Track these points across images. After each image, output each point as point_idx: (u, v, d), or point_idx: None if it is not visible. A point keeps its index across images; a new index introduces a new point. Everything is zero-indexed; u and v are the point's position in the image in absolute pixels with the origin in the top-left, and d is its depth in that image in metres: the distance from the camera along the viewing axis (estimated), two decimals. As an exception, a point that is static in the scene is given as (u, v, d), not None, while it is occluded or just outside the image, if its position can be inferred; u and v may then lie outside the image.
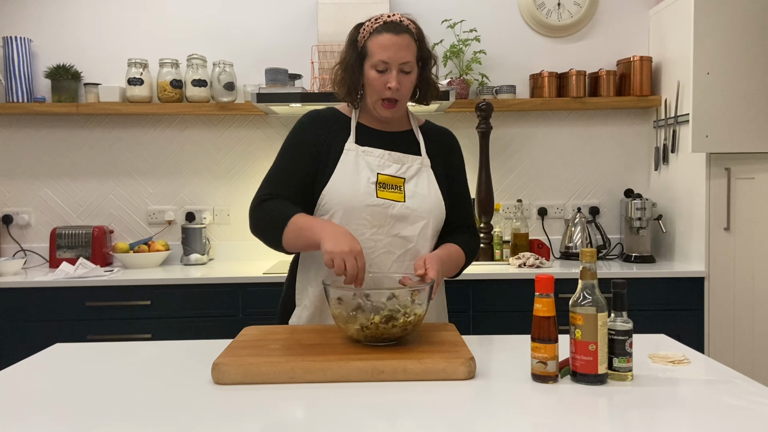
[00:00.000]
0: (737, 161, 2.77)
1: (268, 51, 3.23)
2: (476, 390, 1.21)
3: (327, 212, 1.62)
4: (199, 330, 2.70)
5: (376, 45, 1.58)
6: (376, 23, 1.61)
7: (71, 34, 3.24)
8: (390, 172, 1.63)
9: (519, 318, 2.64)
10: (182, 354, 1.51)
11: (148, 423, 1.07)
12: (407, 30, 1.61)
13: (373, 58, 1.59)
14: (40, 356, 1.50)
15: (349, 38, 1.66)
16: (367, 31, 1.62)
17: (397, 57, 1.57)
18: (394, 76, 1.58)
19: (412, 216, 1.62)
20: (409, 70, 1.60)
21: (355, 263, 1.41)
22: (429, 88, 1.71)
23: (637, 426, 1.03)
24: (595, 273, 1.23)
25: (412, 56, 1.60)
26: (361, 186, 1.60)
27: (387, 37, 1.58)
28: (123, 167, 3.27)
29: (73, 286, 2.70)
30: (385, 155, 1.64)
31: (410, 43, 1.60)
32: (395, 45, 1.57)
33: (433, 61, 1.71)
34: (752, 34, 2.74)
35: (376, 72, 1.59)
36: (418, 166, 1.67)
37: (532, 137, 3.31)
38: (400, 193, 1.62)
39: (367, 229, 1.60)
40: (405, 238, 1.62)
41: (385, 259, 1.60)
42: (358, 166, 1.62)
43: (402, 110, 1.67)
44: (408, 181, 1.64)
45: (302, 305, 1.68)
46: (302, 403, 1.15)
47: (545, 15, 3.24)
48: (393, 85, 1.57)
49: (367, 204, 1.59)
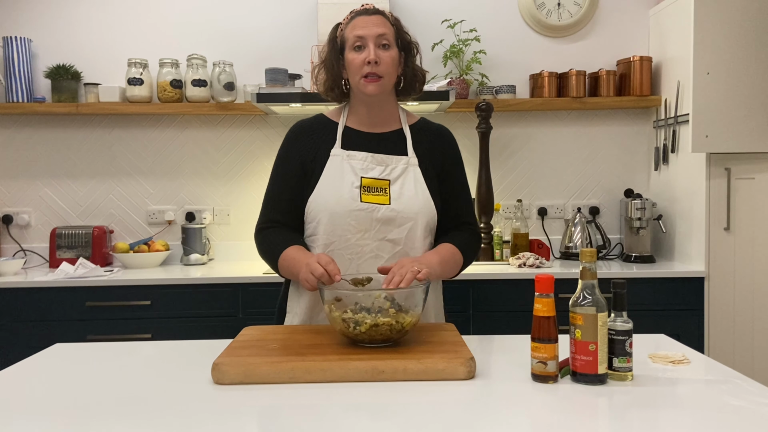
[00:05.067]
0: (737, 161, 2.77)
1: (268, 51, 3.23)
2: (476, 390, 1.21)
3: (313, 220, 1.63)
4: (199, 330, 2.70)
5: (351, 29, 1.62)
6: (350, 15, 1.66)
7: (71, 34, 3.24)
8: (374, 175, 1.62)
9: (519, 318, 2.63)
10: (182, 354, 1.51)
11: (148, 423, 1.07)
12: (381, 12, 1.65)
13: (349, 41, 1.61)
14: (40, 356, 1.49)
15: (329, 37, 1.69)
16: (343, 24, 1.66)
17: (372, 32, 1.59)
18: (371, 49, 1.58)
19: (398, 218, 1.60)
20: (386, 43, 1.60)
21: (318, 266, 1.41)
22: (415, 76, 1.70)
23: (637, 426, 1.03)
24: (595, 273, 1.23)
25: (389, 32, 1.62)
26: (345, 191, 1.59)
27: (360, 19, 1.62)
28: (123, 167, 3.27)
29: (73, 286, 2.70)
30: (368, 158, 1.63)
31: (385, 22, 1.63)
32: (369, 22, 1.61)
33: (416, 50, 1.71)
34: (752, 34, 2.74)
35: (355, 52, 1.60)
36: (403, 167, 1.64)
37: (532, 137, 3.31)
38: (385, 195, 1.61)
39: (352, 234, 1.59)
40: (392, 241, 1.60)
41: (372, 264, 1.58)
42: (343, 171, 1.62)
43: (386, 89, 1.64)
44: (393, 182, 1.62)
45: (293, 312, 1.69)
46: (302, 403, 1.15)
47: (545, 15, 3.24)
48: (371, 57, 1.57)
49: (351, 209, 1.58)
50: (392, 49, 1.62)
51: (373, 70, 1.58)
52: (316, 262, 1.42)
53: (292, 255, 1.56)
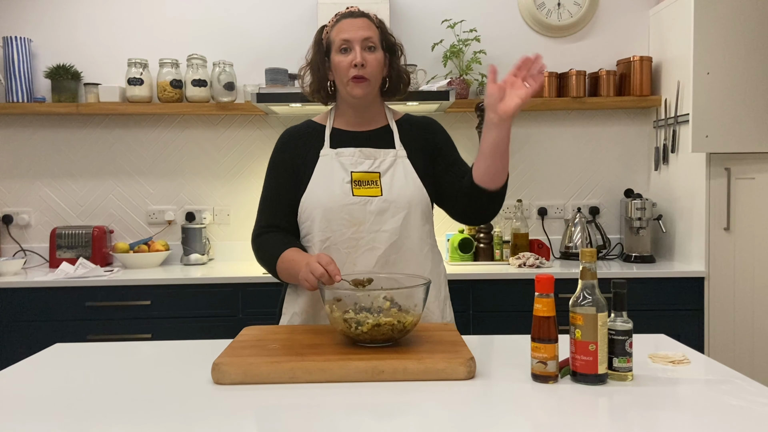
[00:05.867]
0: (737, 161, 2.77)
1: (268, 51, 3.23)
2: (476, 390, 1.21)
3: (307, 219, 1.64)
4: (199, 330, 2.70)
5: (337, 31, 1.64)
6: (335, 18, 1.68)
7: (71, 34, 3.24)
8: (363, 168, 1.64)
9: (519, 318, 2.63)
10: (182, 354, 1.51)
11: (147, 423, 1.07)
12: (365, 15, 1.67)
13: (335, 44, 1.63)
14: (40, 356, 1.49)
15: (314, 39, 1.71)
16: (329, 27, 1.68)
17: (357, 35, 1.61)
18: (357, 51, 1.60)
19: (391, 208, 1.62)
20: (372, 45, 1.62)
21: (318, 266, 1.41)
22: (400, 77, 1.72)
23: (637, 426, 1.03)
24: (595, 273, 1.23)
25: (375, 35, 1.63)
26: (336, 187, 1.61)
27: (346, 22, 1.64)
28: (123, 167, 3.27)
29: (73, 286, 2.70)
30: (356, 153, 1.65)
31: (370, 25, 1.65)
32: (354, 25, 1.62)
33: (400, 51, 1.72)
34: (752, 34, 2.74)
35: (341, 55, 1.62)
36: (392, 159, 1.66)
37: (532, 137, 3.31)
38: (376, 187, 1.63)
39: (347, 228, 1.60)
40: (387, 231, 1.61)
41: (369, 256, 1.60)
42: (333, 168, 1.64)
43: (373, 91, 1.66)
44: (384, 174, 1.64)
45: (290, 313, 1.69)
46: (302, 403, 1.15)
47: (545, 15, 3.24)
48: (357, 59, 1.59)
49: (344, 203, 1.60)
50: (378, 51, 1.64)
51: (360, 72, 1.60)
52: (315, 261, 1.43)
53: (290, 257, 1.57)
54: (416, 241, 1.64)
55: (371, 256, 1.60)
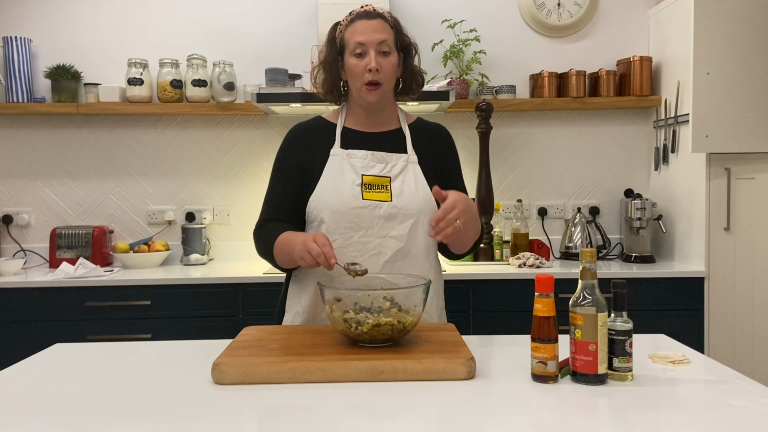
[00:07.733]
0: (737, 161, 2.77)
1: (268, 51, 3.23)
2: (476, 390, 1.21)
3: (315, 219, 1.63)
4: (199, 330, 2.70)
5: (351, 33, 1.61)
6: (350, 16, 1.65)
7: (71, 34, 3.24)
8: (374, 172, 1.63)
9: (519, 318, 2.64)
10: (182, 354, 1.51)
11: (148, 423, 1.07)
12: (381, 15, 1.64)
13: (350, 46, 1.61)
14: (40, 356, 1.49)
15: (328, 37, 1.69)
16: (343, 26, 1.65)
17: (372, 38, 1.59)
18: (372, 57, 1.58)
19: (400, 215, 1.61)
20: (387, 50, 1.60)
21: (314, 245, 1.41)
22: (414, 77, 1.71)
23: (637, 426, 1.03)
24: (595, 273, 1.23)
25: (389, 37, 1.62)
26: (346, 189, 1.60)
27: (361, 23, 1.61)
28: (123, 167, 3.27)
29: (73, 286, 2.70)
30: (368, 156, 1.64)
31: (385, 26, 1.62)
32: (369, 28, 1.60)
33: (415, 50, 1.71)
34: (752, 34, 2.74)
35: (356, 58, 1.60)
36: (403, 164, 1.65)
37: (532, 137, 3.31)
38: (386, 192, 1.61)
39: (355, 232, 1.59)
40: (395, 237, 1.60)
41: (375, 261, 1.59)
42: (343, 169, 1.62)
43: (386, 95, 1.65)
44: (394, 179, 1.63)
45: (293, 311, 1.68)
46: (302, 403, 1.15)
47: (545, 15, 3.24)
48: (372, 65, 1.57)
49: (353, 207, 1.59)
50: (392, 54, 1.62)
51: (374, 78, 1.59)
52: (312, 240, 1.43)
53: (285, 238, 1.56)
54: (422, 249, 1.64)
55: (378, 261, 1.59)
